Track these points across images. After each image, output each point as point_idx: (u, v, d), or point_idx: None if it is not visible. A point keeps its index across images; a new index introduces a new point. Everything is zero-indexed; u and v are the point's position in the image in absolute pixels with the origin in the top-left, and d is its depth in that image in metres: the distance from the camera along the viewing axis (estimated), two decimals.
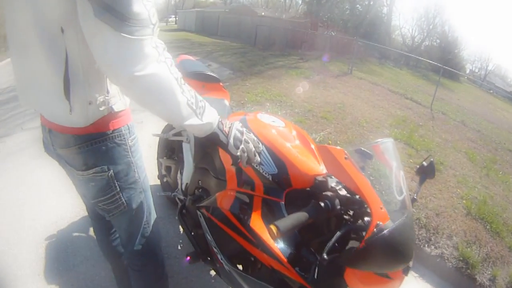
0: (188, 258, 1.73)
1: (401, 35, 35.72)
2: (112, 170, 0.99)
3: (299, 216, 0.84)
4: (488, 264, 2.55)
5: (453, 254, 2.56)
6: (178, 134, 1.81)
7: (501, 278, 2.48)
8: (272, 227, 0.79)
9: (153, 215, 1.26)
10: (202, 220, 1.30)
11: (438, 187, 3.53)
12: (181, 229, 2.19)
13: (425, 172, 1.17)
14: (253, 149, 0.97)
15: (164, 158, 2.34)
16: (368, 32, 23.88)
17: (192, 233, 1.57)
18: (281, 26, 17.27)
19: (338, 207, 0.92)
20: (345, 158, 0.90)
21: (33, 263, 1.83)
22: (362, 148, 1.03)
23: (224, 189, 1.27)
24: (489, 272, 2.46)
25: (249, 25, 18.25)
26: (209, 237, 1.26)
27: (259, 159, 0.98)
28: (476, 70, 43.21)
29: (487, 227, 3.09)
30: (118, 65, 0.68)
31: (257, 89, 6.25)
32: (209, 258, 1.42)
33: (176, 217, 1.64)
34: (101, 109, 0.90)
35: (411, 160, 4.15)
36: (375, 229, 0.80)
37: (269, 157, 1.17)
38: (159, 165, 2.50)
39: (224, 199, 1.20)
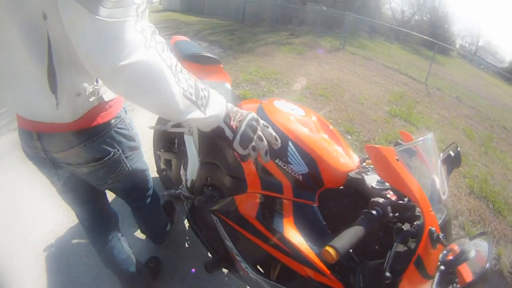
0: (193, 270, 1.69)
1: (390, 9, 35.13)
2: (120, 150, 1.04)
3: (356, 232, 0.74)
4: (492, 243, 2.56)
5: (460, 233, 2.58)
6: (178, 125, 1.61)
7: (505, 257, 2.51)
8: (330, 249, 0.69)
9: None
10: (218, 225, 1.17)
11: None
12: (186, 225, 2.03)
13: (451, 162, 1.08)
14: (266, 147, 0.83)
15: (162, 150, 2.07)
16: (357, 6, 23.39)
17: (203, 233, 1.42)
18: (269, 2, 16.66)
19: (391, 214, 0.83)
20: (397, 159, 0.81)
21: (34, 279, 1.68)
22: (408, 146, 0.92)
23: (242, 190, 1.12)
24: (494, 251, 2.47)
25: (236, 1, 17.57)
26: (229, 244, 1.13)
27: (269, 158, 0.85)
28: (467, 45, 43.10)
29: (490, 206, 3.13)
30: (97, 55, 0.57)
31: (250, 68, 6.05)
32: (226, 263, 1.29)
33: (184, 217, 1.51)
34: (91, 100, 0.85)
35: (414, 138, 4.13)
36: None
37: (298, 154, 1.02)
38: (157, 158, 2.24)
39: (247, 204, 1.06)
